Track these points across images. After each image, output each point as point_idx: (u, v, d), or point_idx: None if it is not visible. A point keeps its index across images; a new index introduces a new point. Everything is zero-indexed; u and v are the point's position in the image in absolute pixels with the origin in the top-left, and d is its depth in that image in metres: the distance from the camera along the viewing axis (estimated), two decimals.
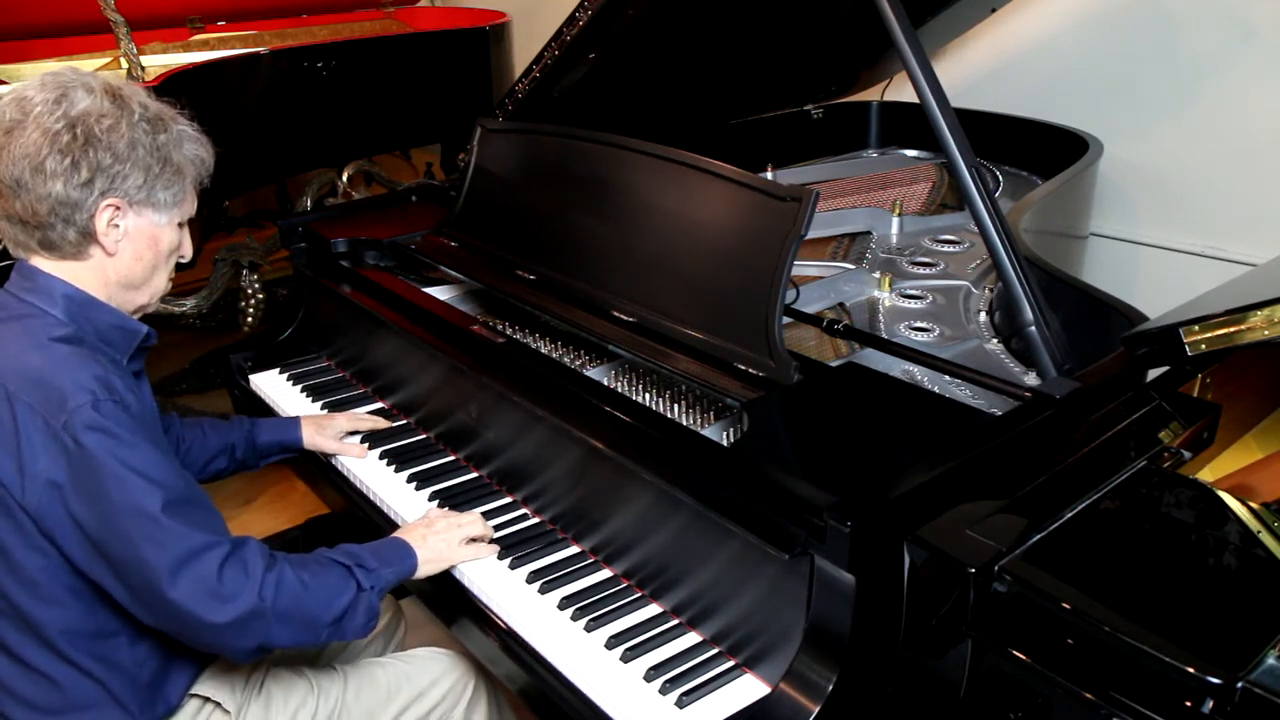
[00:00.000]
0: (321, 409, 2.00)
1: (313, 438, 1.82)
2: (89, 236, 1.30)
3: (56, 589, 1.27)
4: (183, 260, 1.44)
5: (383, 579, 1.38)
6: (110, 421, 1.21)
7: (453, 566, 1.50)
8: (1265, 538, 1.16)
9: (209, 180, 1.43)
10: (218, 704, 1.42)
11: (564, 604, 1.41)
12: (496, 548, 1.54)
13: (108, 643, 1.31)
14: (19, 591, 1.26)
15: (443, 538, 1.49)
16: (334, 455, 1.84)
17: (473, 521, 1.53)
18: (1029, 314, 1.49)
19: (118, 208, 1.30)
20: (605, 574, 1.48)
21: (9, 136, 1.25)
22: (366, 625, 1.36)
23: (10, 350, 1.26)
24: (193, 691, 1.42)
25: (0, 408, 1.22)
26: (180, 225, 1.39)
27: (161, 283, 1.41)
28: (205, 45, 3.73)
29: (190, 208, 1.40)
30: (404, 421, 1.92)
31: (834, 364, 1.55)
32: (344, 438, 1.85)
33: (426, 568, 1.46)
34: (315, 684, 1.50)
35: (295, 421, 1.84)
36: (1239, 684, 0.95)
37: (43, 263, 1.32)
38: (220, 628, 1.23)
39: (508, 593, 1.45)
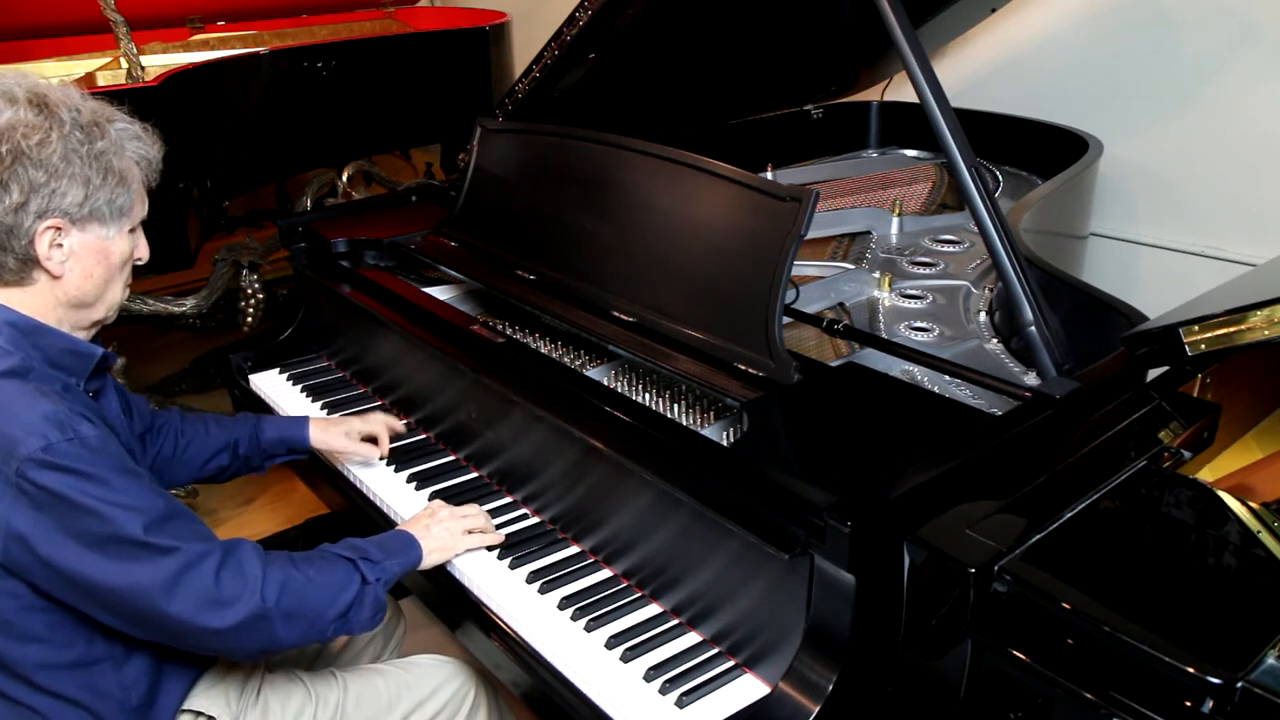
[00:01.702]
0: (321, 409, 1.99)
1: (320, 436, 1.76)
2: (30, 262, 1.21)
3: (31, 626, 1.22)
4: (139, 262, 1.35)
5: (388, 571, 1.37)
6: (69, 461, 1.14)
7: (456, 555, 1.49)
8: (1265, 538, 1.16)
9: (159, 177, 1.34)
10: (212, 718, 1.39)
11: (564, 604, 1.41)
12: (501, 535, 1.54)
13: (91, 670, 1.27)
14: None
15: (446, 527, 1.49)
16: (342, 457, 1.80)
17: (475, 514, 1.54)
18: (1029, 314, 1.49)
19: (59, 228, 1.21)
20: (605, 574, 1.48)
21: None
22: (373, 618, 1.34)
23: None
24: (185, 707, 1.38)
25: None
26: (132, 231, 1.31)
27: (117, 295, 1.32)
28: (205, 45, 3.73)
29: (141, 211, 1.31)
30: (404, 421, 1.92)
31: (834, 364, 1.55)
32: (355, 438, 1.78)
33: (432, 558, 1.46)
34: (313, 692, 1.48)
35: (303, 420, 1.78)
36: (1239, 684, 0.95)
37: None
38: (223, 633, 1.20)
39: (507, 593, 1.45)
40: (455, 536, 1.49)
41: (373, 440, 1.78)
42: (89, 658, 1.26)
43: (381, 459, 1.79)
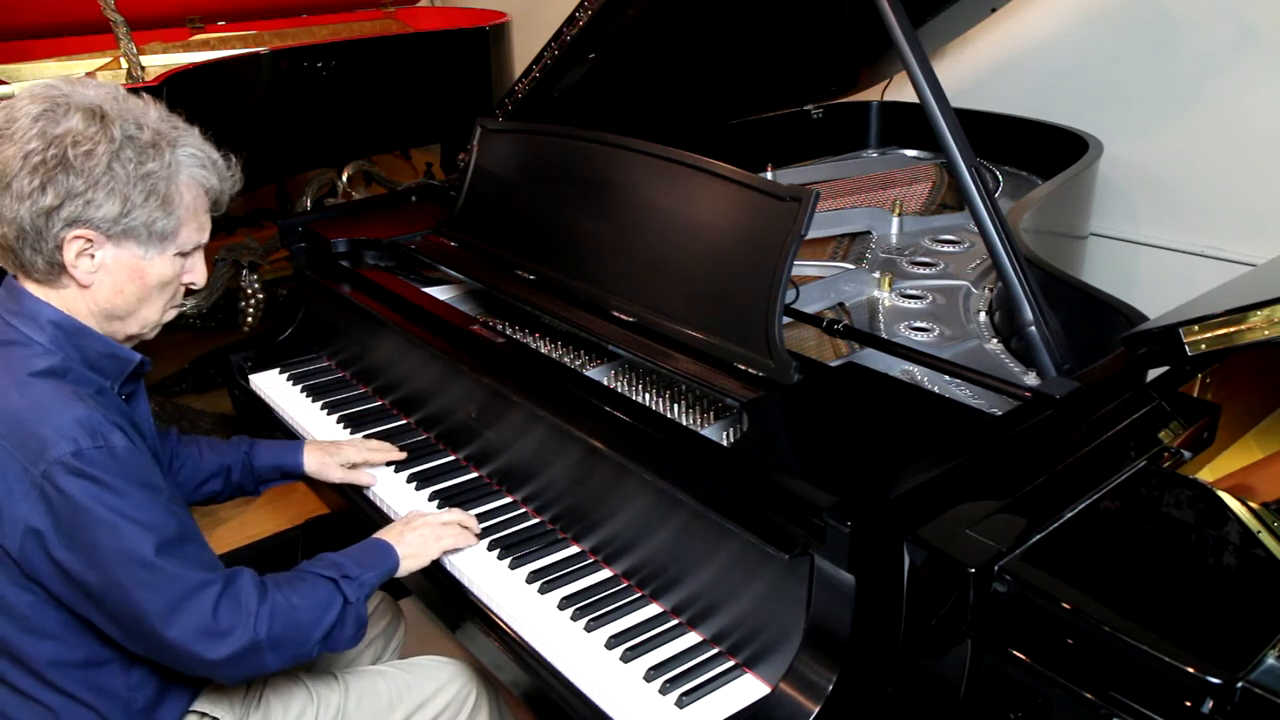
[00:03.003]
0: (321, 409, 1.99)
1: (316, 465, 1.73)
2: (58, 266, 1.22)
3: (45, 623, 1.23)
4: (194, 287, 1.36)
5: (368, 585, 1.38)
6: (95, 469, 1.15)
7: (431, 560, 1.50)
8: (1265, 538, 1.16)
9: (226, 203, 1.35)
10: (215, 719, 1.41)
11: (564, 604, 1.41)
12: (474, 539, 1.55)
13: (99, 671, 1.28)
14: (6, 626, 1.23)
15: (420, 534, 1.49)
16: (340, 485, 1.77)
17: (450, 520, 1.54)
18: (1029, 314, 1.49)
19: (89, 239, 1.21)
20: (605, 574, 1.48)
21: None
22: (356, 636, 1.35)
23: None
24: (191, 709, 1.40)
25: None
26: (183, 255, 1.30)
27: (153, 314, 1.32)
28: (205, 45, 3.73)
29: (194, 237, 1.31)
30: (404, 421, 1.92)
31: (834, 364, 1.55)
32: (351, 467, 1.76)
33: (408, 563, 1.46)
34: (315, 694, 1.49)
35: (298, 445, 1.76)
36: (1239, 684, 0.95)
37: (29, 284, 1.26)
38: (215, 663, 1.22)
39: (507, 593, 1.45)
40: (429, 543, 1.49)
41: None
42: (98, 658, 1.28)
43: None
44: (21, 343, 1.23)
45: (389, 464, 1.78)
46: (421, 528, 1.50)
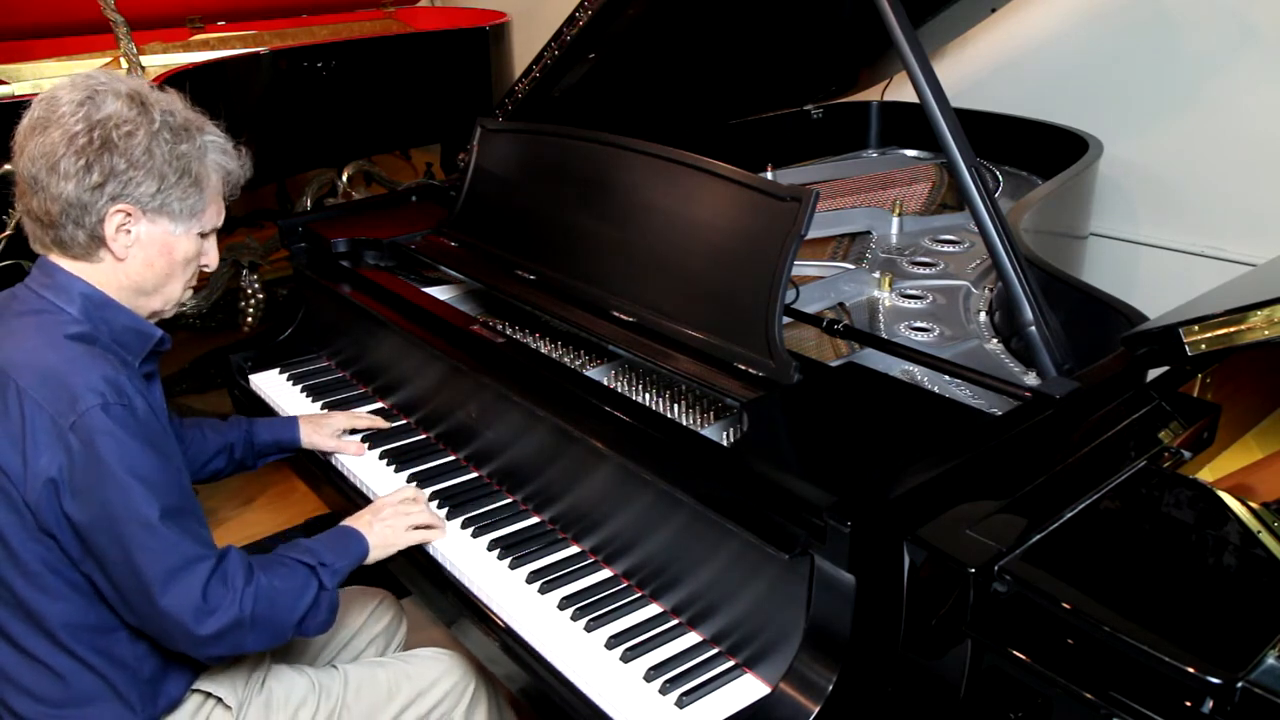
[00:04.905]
0: (321, 409, 1.99)
1: (310, 436, 1.82)
2: (98, 240, 1.31)
3: (56, 582, 1.28)
4: (207, 269, 1.45)
5: (341, 573, 1.43)
6: (117, 426, 1.22)
7: (398, 549, 1.53)
8: (1265, 538, 1.16)
9: (239, 191, 1.44)
10: (219, 700, 1.44)
11: (564, 604, 1.42)
12: (445, 532, 1.57)
13: (109, 637, 1.33)
14: (22, 583, 1.28)
15: (389, 524, 1.53)
16: (332, 454, 1.84)
17: (420, 512, 1.57)
18: (1029, 314, 1.49)
19: (128, 214, 1.30)
20: (605, 574, 1.48)
21: (33, 134, 1.27)
22: (328, 621, 1.40)
23: (25, 346, 1.27)
24: (194, 687, 1.43)
25: (10, 403, 1.23)
26: (203, 235, 1.40)
27: (176, 290, 1.41)
28: (205, 45, 3.73)
29: (214, 219, 1.41)
30: (404, 421, 1.92)
31: (834, 364, 1.55)
32: (342, 435, 1.85)
33: (375, 553, 1.51)
34: (316, 682, 1.52)
35: (293, 421, 1.84)
36: (1239, 684, 0.95)
37: (61, 260, 1.33)
38: (202, 638, 1.26)
39: (508, 592, 1.45)
40: (398, 533, 1.53)
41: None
42: (108, 624, 1.32)
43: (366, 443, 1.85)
44: (53, 312, 1.31)
45: (390, 464, 1.79)
46: (390, 519, 1.54)
